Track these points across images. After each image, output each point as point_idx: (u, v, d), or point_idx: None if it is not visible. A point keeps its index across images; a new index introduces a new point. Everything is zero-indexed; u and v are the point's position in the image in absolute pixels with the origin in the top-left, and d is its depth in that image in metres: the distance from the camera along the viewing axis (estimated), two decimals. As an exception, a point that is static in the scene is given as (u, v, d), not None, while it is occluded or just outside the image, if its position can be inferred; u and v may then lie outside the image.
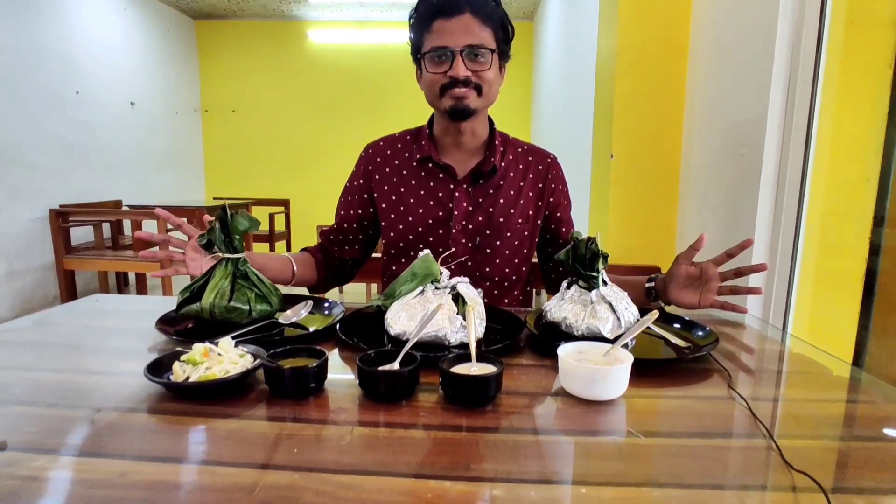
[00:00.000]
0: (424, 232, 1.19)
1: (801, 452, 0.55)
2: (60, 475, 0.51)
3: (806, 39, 1.17)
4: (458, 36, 1.05)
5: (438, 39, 1.06)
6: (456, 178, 1.19)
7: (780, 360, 0.91)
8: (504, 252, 1.20)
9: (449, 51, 1.06)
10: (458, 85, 1.07)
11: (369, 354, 0.71)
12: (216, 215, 0.95)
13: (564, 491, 0.50)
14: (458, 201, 1.18)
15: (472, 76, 1.07)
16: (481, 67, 1.08)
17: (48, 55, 3.97)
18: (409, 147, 1.24)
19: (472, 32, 1.06)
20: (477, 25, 1.06)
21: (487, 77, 1.09)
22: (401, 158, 1.24)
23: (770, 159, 1.25)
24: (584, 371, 0.68)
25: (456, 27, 1.05)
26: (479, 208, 1.19)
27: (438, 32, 1.07)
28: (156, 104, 5.34)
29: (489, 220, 1.19)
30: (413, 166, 1.22)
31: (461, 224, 1.18)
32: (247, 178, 6.24)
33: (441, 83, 1.09)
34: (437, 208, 1.19)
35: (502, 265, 1.20)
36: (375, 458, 0.54)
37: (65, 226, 3.60)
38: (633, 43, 1.72)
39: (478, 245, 1.19)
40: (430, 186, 1.20)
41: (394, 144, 1.26)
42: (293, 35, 6.01)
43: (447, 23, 1.06)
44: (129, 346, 0.90)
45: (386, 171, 1.24)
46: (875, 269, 1.21)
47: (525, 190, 1.22)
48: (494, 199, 1.19)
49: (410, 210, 1.20)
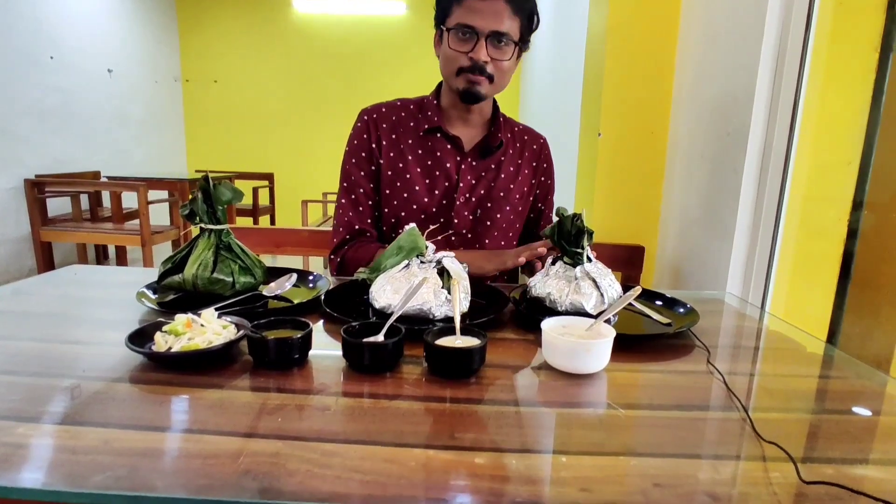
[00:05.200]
0: (429, 202, 1.20)
1: (773, 425, 0.57)
2: (44, 442, 0.51)
3: (795, 19, 1.17)
4: (489, 19, 1.05)
5: (468, 17, 1.05)
6: (463, 151, 1.21)
7: (758, 338, 0.94)
8: (501, 225, 1.23)
9: (475, 32, 1.05)
10: (476, 70, 1.08)
11: (354, 326, 0.72)
12: (198, 185, 0.93)
13: (545, 459, 0.51)
14: (463, 173, 1.20)
15: (490, 64, 1.08)
16: (502, 56, 1.08)
17: (22, 18, 3.81)
18: (415, 116, 1.23)
19: (501, 19, 1.05)
20: (508, 13, 1.05)
21: (504, 66, 1.10)
22: (406, 127, 1.22)
23: (755, 140, 1.25)
24: (567, 344, 0.69)
25: (488, 9, 1.04)
26: (481, 181, 1.21)
27: (469, 10, 1.05)
28: (134, 72, 5.18)
29: (490, 192, 1.21)
30: (419, 136, 1.21)
31: (465, 196, 1.20)
32: (229, 150, 6.11)
33: (460, 63, 1.09)
34: (444, 179, 1.20)
35: (498, 238, 1.23)
36: (359, 427, 0.55)
37: (41, 196, 3.52)
38: (623, 21, 1.70)
39: (478, 217, 1.22)
40: (437, 157, 1.20)
41: (397, 112, 1.24)
42: (278, 4, 5.83)
43: (481, 3, 1.04)
44: (110, 316, 0.89)
45: (392, 137, 1.21)
46: (852, 252, 1.23)
47: (523, 167, 1.26)
48: (496, 174, 1.22)
49: (416, 179, 1.20)
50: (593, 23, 1.98)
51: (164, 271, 0.93)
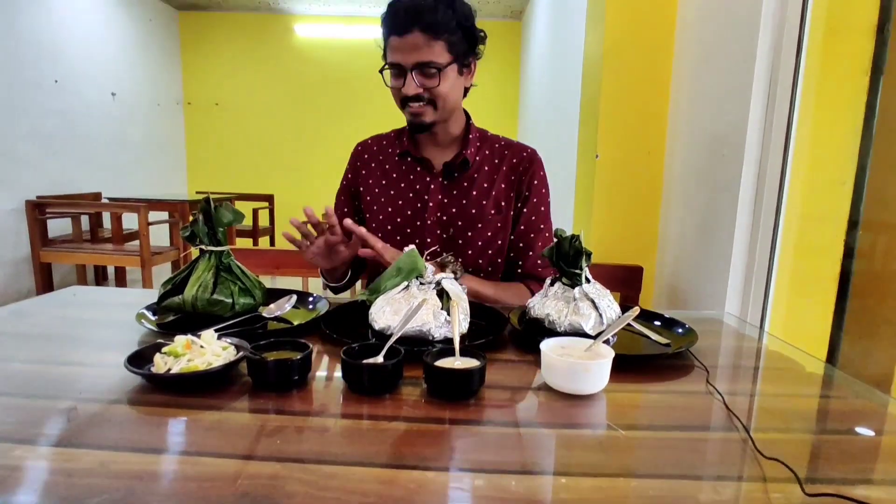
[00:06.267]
0: (402, 223, 1.23)
1: (774, 445, 0.57)
2: (40, 465, 0.50)
3: (786, 44, 1.20)
4: (409, 53, 1.08)
5: (393, 55, 1.10)
6: (432, 171, 1.23)
7: (757, 357, 0.93)
8: (477, 243, 1.23)
9: (402, 67, 1.09)
10: (411, 100, 1.11)
11: (353, 348, 0.72)
12: (199, 207, 0.94)
13: (545, 481, 0.51)
14: (432, 193, 1.22)
15: (423, 92, 1.10)
16: (432, 83, 1.10)
17: (26, 43, 3.88)
18: (393, 143, 1.29)
19: (421, 50, 1.07)
20: (426, 42, 1.07)
21: (440, 91, 1.11)
22: (385, 154, 1.28)
23: (750, 161, 1.27)
24: (566, 365, 0.69)
25: (406, 45, 1.08)
26: (452, 200, 1.22)
27: (392, 49, 1.10)
28: (137, 95, 5.24)
29: (462, 211, 1.22)
30: (395, 161, 1.26)
31: (435, 216, 1.22)
32: (230, 172, 6.16)
33: (399, 96, 1.13)
34: (415, 200, 1.23)
35: (475, 256, 1.23)
36: (358, 449, 0.54)
37: (42, 217, 3.53)
38: (619, 44, 1.74)
39: (451, 236, 1.22)
40: (410, 180, 1.24)
41: (380, 142, 1.31)
42: (279, 29, 5.95)
43: (399, 40, 1.08)
44: (109, 337, 0.89)
45: (372, 166, 1.29)
46: (849, 271, 1.24)
47: (498, 182, 1.24)
48: (468, 192, 1.22)
49: (390, 202, 1.24)
50: (589, 47, 2.02)
51: (164, 292, 0.93)
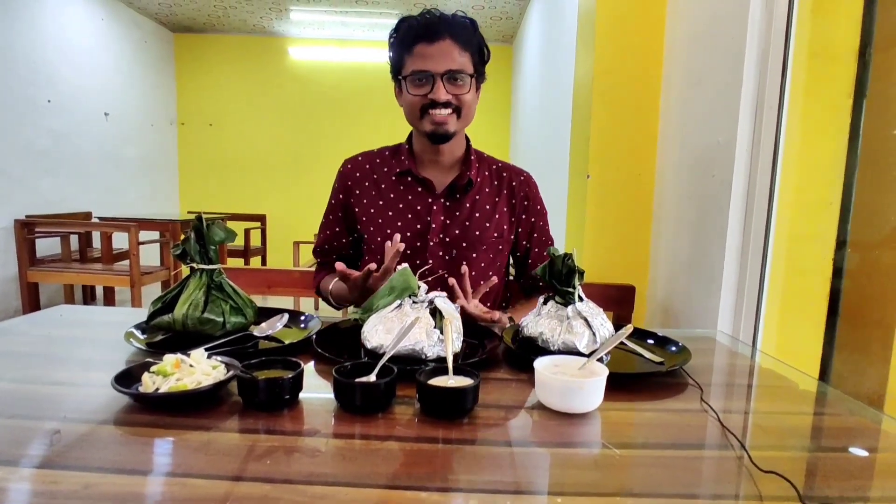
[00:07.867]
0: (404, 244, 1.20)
1: (769, 462, 0.57)
2: (21, 487, 0.49)
3: (772, 68, 1.23)
4: (440, 60, 1.10)
5: (420, 63, 1.10)
6: (434, 192, 1.22)
7: (750, 375, 0.93)
8: (479, 265, 1.23)
9: (430, 74, 1.10)
10: (438, 107, 1.12)
11: (345, 366, 0.71)
12: (191, 225, 0.93)
13: (540, 500, 0.50)
14: (435, 214, 1.21)
15: (452, 99, 1.12)
16: (461, 91, 1.12)
17: (20, 62, 3.89)
18: (388, 162, 1.27)
19: (452, 57, 1.10)
20: (457, 51, 1.11)
21: (466, 100, 1.14)
22: (380, 173, 1.26)
23: (739, 182, 1.29)
24: (560, 383, 0.68)
25: (437, 52, 1.10)
26: (455, 221, 1.22)
27: (420, 56, 1.11)
28: (131, 115, 5.25)
29: (465, 232, 1.22)
30: (392, 180, 1.24)
31: (438, 237, 1.21)
32: (223, 192, 6.15)
33: (422, 104, 1.13)
34: (416, 221, 1.21)
35: (477, 278, 1.22)
36: (350, 469, 0.53)
37: (30, 237, 3.49)
38: (609, 68, 1.77)
39: (454, 257, 1.22)
40: (409, 200, 1.22)
41: (372, 159, 1.29)
42: (274, 51, 6.01)
43: (429, 47, 1.10)
44: (96, 356, 0.88)
45: (365, 185, 1.26)
46: (839, 290, 1.25)
47: (500, 205, 1.25)
48: (470, 213, 1.22)
49: (389, 223, 1.22)
50: (580, 70, 2.05)
51: (154, 311, 0.92)
